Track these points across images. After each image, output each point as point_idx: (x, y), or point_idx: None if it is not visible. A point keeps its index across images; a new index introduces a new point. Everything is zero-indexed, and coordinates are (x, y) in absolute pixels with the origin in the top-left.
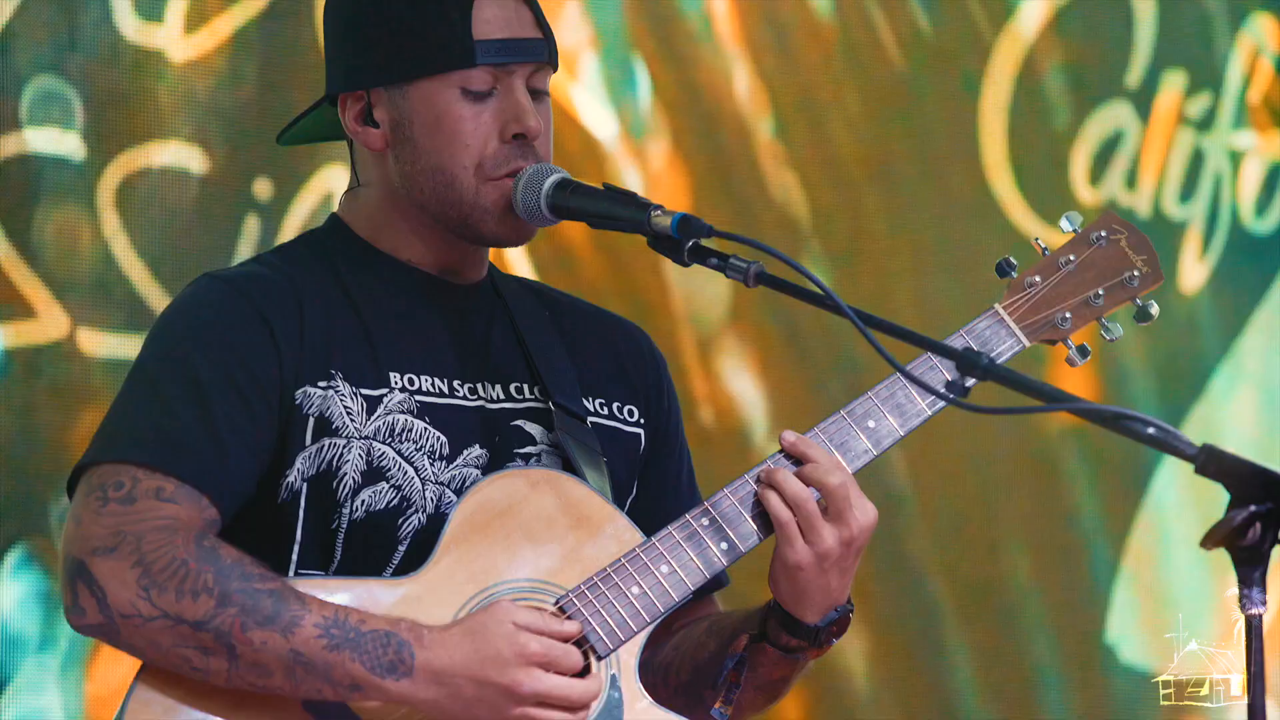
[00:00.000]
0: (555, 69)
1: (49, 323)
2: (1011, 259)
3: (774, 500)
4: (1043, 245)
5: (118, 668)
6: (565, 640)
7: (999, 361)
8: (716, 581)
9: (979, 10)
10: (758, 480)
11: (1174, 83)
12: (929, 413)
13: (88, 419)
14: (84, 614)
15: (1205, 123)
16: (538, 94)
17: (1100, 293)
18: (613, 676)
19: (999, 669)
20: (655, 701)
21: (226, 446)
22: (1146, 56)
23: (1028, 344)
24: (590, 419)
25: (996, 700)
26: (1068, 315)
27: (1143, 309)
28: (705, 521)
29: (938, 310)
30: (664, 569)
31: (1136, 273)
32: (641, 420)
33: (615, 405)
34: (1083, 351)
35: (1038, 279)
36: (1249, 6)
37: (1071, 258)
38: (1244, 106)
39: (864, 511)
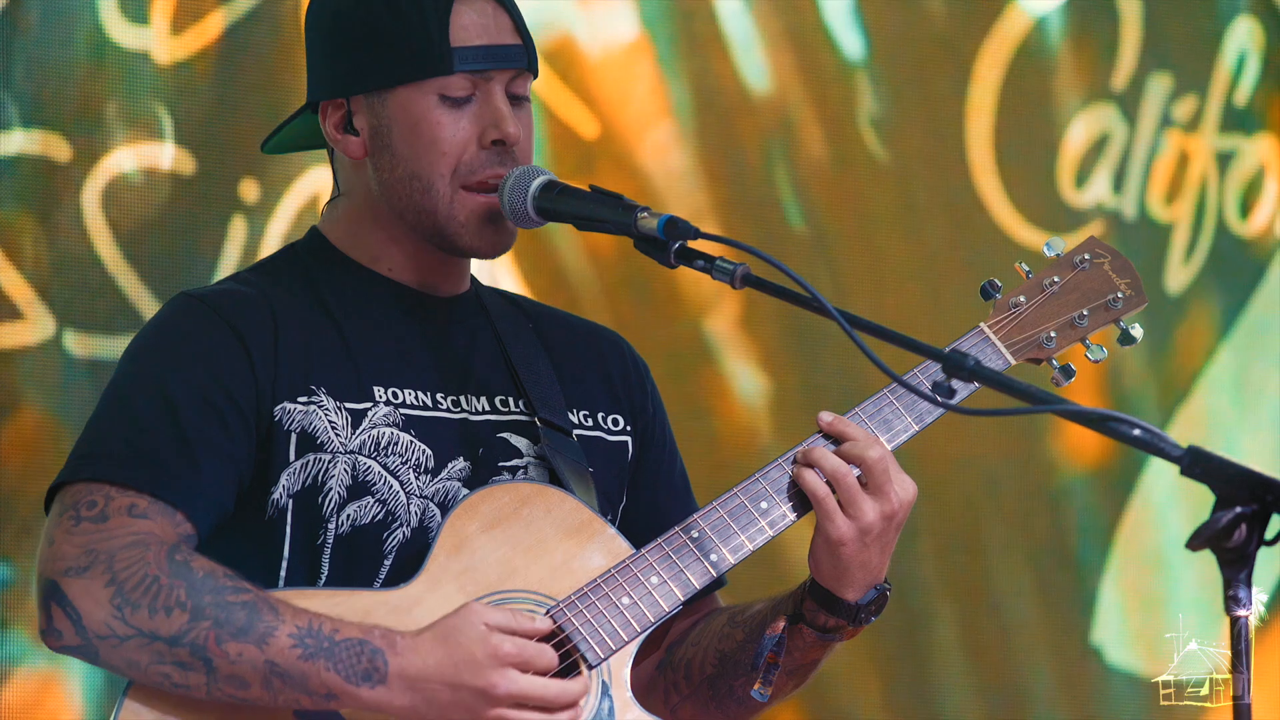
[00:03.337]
0: (535, 75)
1: (35, 324)
2: (996, 281)
3: (810, 477)
4: (1026, 268)
5: None
6: (536, 638)
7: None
8: (716, 581)
9: (965, 13)
10: (792, 461)
11: (1160, 85)
12: (927, 420)
13: (73, 420)
14: (60, 636)
15: (1192, 125)
16: (517, 100)
17: (1085, 313)
18: (604, 685)
19: (987, 669)
20: (644, 709)
21: (200, 462)
22: (1133, 59)
23: (1013, 362)
24: (575, 431)
25: (985, 701)
26: (1053, 335)
27: (1126, 332)
28: (695, 534)
29: (929, 310)
30: (654, 580)
31: (1120, 295)
32: (628, 428)
33: (600, 415)
34: (1066, 372)
35: (1023, 299)
36: (1235, 10)
37: (1056, 279)
38: (1230, 109)
39: (903, 486)
